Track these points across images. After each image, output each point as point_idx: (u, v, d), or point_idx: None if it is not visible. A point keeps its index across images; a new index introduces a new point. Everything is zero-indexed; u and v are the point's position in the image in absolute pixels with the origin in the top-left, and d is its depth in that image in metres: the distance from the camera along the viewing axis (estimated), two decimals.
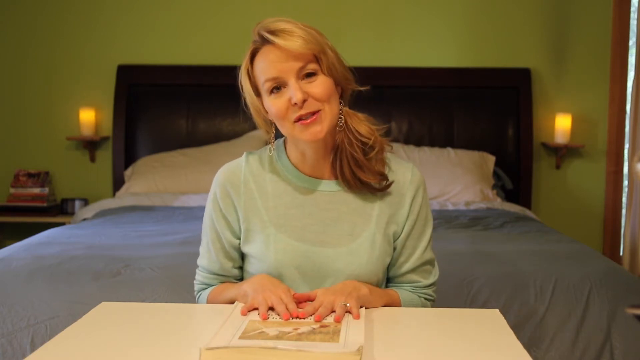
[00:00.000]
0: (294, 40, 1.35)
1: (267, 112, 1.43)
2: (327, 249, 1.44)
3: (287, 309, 1.29)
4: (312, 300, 1.34)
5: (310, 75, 1.37)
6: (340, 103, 1.43)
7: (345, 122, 1.43)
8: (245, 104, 1.46)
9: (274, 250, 1.44)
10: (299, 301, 1.35)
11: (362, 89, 1.46)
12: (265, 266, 1.45)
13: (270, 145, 1.47)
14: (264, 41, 1.38)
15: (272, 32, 1.36)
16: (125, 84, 4.05)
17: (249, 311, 1.31)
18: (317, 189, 1.47)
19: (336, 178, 1.47)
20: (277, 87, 1.38)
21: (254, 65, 1.41)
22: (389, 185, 1.46)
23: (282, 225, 1.45)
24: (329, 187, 1.47)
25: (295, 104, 1.35)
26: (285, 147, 1.50)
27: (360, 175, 1.43)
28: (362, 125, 1.44)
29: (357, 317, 1.27)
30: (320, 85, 1.37)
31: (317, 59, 1.38)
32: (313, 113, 1.37)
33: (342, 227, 1.45)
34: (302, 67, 1.36)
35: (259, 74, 1.40)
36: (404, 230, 1.48)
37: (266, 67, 1.37)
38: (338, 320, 1.25)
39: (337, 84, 1.41)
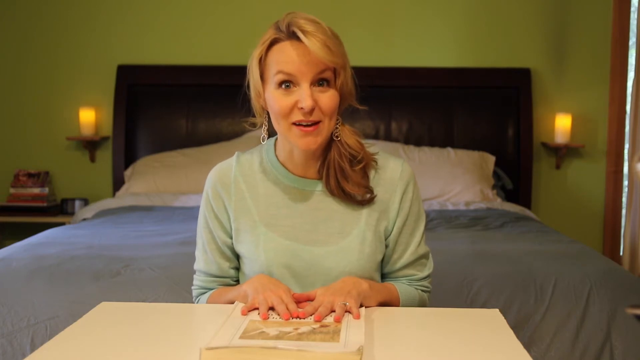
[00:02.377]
0: (321, 48, 1.33)
1: (265, 101, 1.42)
2: (317, 247, 1.44)
3: (287, 309, 1.29)
4: (312, 300, 1.34)
5: (322, 83, 1.37)
6: (337, 114, 1.43)
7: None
8: (248, 86, 1.45)
9: (264, 249, 1.44)
10: (299, 301, 1.35)
11: (360, 107, 1.47)
12: (256, 265, 1.45)
13: (263, 134, 1.47)
14: (291, 36, 1.35)
15: (303, 31, 1.33)
16: (125, 84, 4.05)
17: (249, 311, 1.31)
18: (306, 189, 1.47)
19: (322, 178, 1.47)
20: (288, 84, 1.36)
21: (269, 53, 1.38)
22: (371, 199, 1.46)
23: (273, 224, 1.45)
24: (318, 186, 1.47)
25: (302, 108, 1.35)
26: (274, 147, 1.50)
27: (345, 186, 1.44)
28: (351, 138, 1.45)
29: (357, 316, 1.27)
30: (330, 98, 1.37)
31: (335, 72, 1.37)
32: (313, 123, 1.37)
33: (332, 226, 1.45)
34: (319, 73, 1.35)
35: (272, 63, 1.37)
36: (395, 226, 1.48)
37: (284, 60, 1.35)
38: (338, 320, 1.25)
39: (342, 98, 1.41)
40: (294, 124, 1.37)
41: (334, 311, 1.29)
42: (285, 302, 1.30)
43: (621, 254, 3.97)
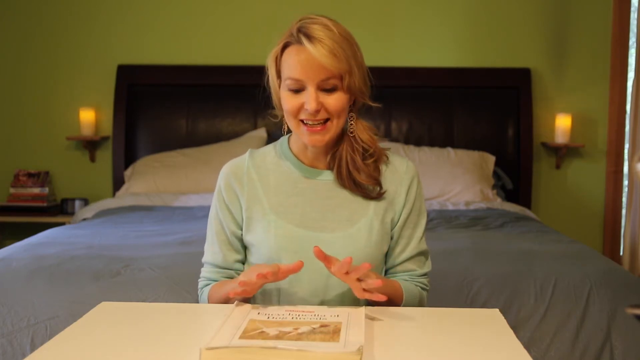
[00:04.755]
0: (325, 54, 1.39)
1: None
2: (325, 234, 1.48)
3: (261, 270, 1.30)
4: (295, 271, 1.36)
5: (329, 88, 1.42)
6: (351, 111, 1.49)
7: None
8: (267, 82, 1.52)
9: (274, 235, 1.47)
10: (285, 272, 1.35)
11: (373, 105, 1.52)
12: (265, 252, 1.48)
13: (284, 127, 1.52)
14: (299, 40, 1.41)
15: (309, 37, 1.40)
16: (125, 84, 4.05)
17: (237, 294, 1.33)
18: (317, 178, 1.52)
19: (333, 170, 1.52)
20: (297, 88, 1.43)
21: (283, 55, 1.45)
22: (381, 194, 1.51)
23: (283, 212, 1.49)
24: (329, 176, 1.52)
25: (306, 109, 1.41)
26: (288, 140, 1.56)
27: (356, 176, 1.49)
28: (365, 133, 1.52)
29: (379, 284, 1.29)
30: (337, 100, 1.43)
31: (341, 77, 1.42)
32: (321, 122, 1.43)
33: (341, 214, 1.50)
34: (325, 80, 1.41)
35: (284, 66, 1.44)
36: (400, 218, 1.53)
37: (293, 65, 1.42)
38: (378, 285, 1.28)
39: (352, 97, 1.47)
40: (302, 122, 1.44)
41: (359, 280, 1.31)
42: (272, 270, 1.32)
43: (621, 254, 3.97)
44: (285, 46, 1.44)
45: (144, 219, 3.10)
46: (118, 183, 4.00)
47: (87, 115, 4.04)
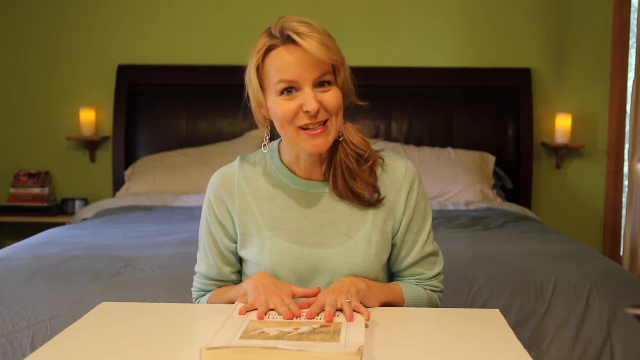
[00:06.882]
0: (319, 47, 1.31)
1: (267, 110, 1.41)
2: (322, 249, 1.43)
3: (289, 309, 1.28)
4: (311, 303, 1.33)
5: (323, 84, 1.36)
6: None
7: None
8: (247, 97, 1.43)
9: (269, 253, 1.43)
10: (301, 306, 1.32)
11: (362, 104, 1.45)
12: (261, 269, 1.44)
13: (264, 143, 1.46)
14: (286, 40, 1.33)
15: (298, 33, 1.32)
16: (125, 84, 4.05)
17: (248, 311, 1.31)
18: (311, 191, 1.46)
19: (329, 181, 1.46)
20: (289, 89, 1.35)
21: (266, 61, 1.36)
22: (380, 201, 1.45)
23: (277, 228, 1.44)
24: (323, 188, 1.46)
25: (307, 111, 1.34)
26: (278, 150, 1.49)
27: (353, 185, 1.42)
28: (356, 136, 1.44)
29: (368, 317, 1.26)
30: (333, 96, 1.36)
31: (334, 70, 1.36)
32: (321, 124, 1.36)
33: (338, 228, 1.44)
34: (320, 76, 1.34)
35: (271, 72, 1.35)
36: (401, 225, 1.47)
37: (283, 67, 1.33)
38: (350, 319, 1.24)
39: (343, 97, 1.40)
40: (301, 128, 1.36)
41: (339, 310, 1.28)
42: (287, 304, 1.29)
43: (621, 254, 3.97)
44: (267, 51, 1.35)
45: (144, 219, 3.10)
46: (118, 183, 4.00)
47: (87, 115, 4.04)
